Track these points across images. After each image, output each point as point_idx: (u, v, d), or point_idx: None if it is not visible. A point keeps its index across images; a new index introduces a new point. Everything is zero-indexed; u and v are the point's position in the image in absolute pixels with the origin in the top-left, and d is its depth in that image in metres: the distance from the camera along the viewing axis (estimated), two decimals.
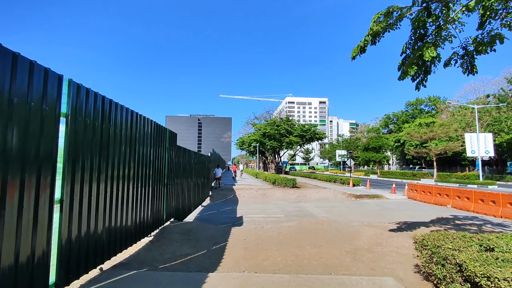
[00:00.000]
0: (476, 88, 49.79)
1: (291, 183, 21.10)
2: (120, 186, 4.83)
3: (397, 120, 70.54)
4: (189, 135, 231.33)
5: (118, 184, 4.76)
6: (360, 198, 17.36)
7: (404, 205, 14.62)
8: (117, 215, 4.74)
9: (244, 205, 14.82)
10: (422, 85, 5.50)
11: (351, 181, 24.04)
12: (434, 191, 15.07)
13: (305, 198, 17.51)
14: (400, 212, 12.57)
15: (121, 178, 4.86)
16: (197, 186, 12.70)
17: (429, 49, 4.63)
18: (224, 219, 11.10)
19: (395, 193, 19.80)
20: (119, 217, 4.80)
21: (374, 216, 11.66)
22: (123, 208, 4.92)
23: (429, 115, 60.14)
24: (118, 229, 4.80)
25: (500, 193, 11.32)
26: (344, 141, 75.53)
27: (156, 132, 6.70)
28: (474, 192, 12.48)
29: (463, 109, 43.21)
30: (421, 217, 11.12)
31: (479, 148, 28.37)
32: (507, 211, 10.82)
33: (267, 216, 11.59)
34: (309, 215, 11.91)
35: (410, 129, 44.16)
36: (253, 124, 51.65)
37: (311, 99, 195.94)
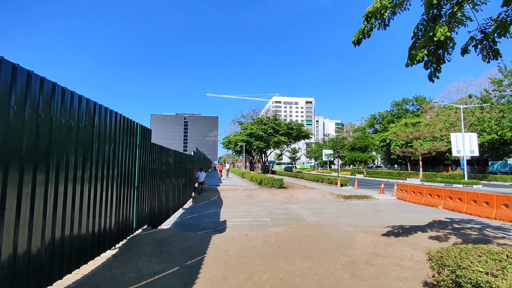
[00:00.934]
0: (459, 89, 50.78)
1: (278, 183, 20.37)
2: (70, 190, 3.89)
3: (383, 120, 71.18)
4: (174, 134, 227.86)
5: (66, 187, 3.81)
6: (349, 199, 16.80)
7: (395, 207, 14.12)
8: (65, 226, 3.79)
9: (229, 208, 13.94)
10: (435, 76, 4.80)
11: (339, 181, 23.55)
12: (425, 192, 14.65)
13: (293, 199, 16.80)
14: (392, 214, 12.01)
15: (70, 180, 3.91)
16: (177, 188, 11.73)
17: (441, 28, 3.92)
18: (206, 224, 10.19)
19: (384, 193, 19.39)
20: (68, 228, 3.85)
21: (365, 219, 11.04)
22: (74, 216, 3.98)
23: (414, 115, 60.90)
24: (68, 243, 3.85)
25: (494, 194, 10.92)
26: (330, 140, 75.68)
27: (123, 127, 5.75)
28: (467, 193, 12.08)
29: (447, 109, 43.77)
30: (414, 219, 10.58)
31: (464, 148, 28.54)
32: (501, 213, 10.41)
33: (253, 220, 10.76)
34: (298, 218, 11.16)
35: (396, 129, 44.41)
36: (240, 123, 50.69)
37: (298, 99, 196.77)
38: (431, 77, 4.93)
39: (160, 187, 8.76)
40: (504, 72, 31.55)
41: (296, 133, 44.66)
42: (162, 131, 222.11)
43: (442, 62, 4.71)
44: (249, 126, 45.48)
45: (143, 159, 7.12)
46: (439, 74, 4.86)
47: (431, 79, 4.94)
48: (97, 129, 4.72)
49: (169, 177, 9.97)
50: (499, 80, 31.81)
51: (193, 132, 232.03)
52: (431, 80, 4.93)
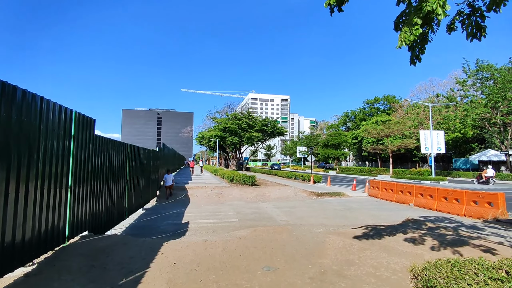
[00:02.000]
0: (427, 88, 52.69)
1: (250, 180, 19.60)
2: None
3: (355, 118, 72.69)
4: (147, 130, 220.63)
5: None
6: (322, 196, 16.38)
7: (367, 204, 13.82)
8: None
9: (195, 207, 12.96)
10: (418, 58, 4.18)
11: (311, 178, 23.22)
12: (396, 189, 14.50)
13: (264, 197, 16.10)
14: (364, 212, 11.62)
15: None
16: (135, 187, 10.57)
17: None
18: (165, 226, 9.18)
19: (356, 190, 19.23)
20: None
21: (338, 217, 10.53)
22: None
23: (385, 114, 62.60)
24: None
25: (463, 190, 10.82)
26: (305, 137, 76.21)
27: (47, 114, 4.64)
28: (438, 190, 11.95)
29: (416, 108, 45.17)
30: (387, 218, 10.21)
31: (432, 145, 29.37)
32: (471, 210, 10.30)
33: (219, 221, 9.89)
34: (267, 218, 10.44)
35: (368, 126, 45.26)
36: (214, 119, 49.36)
37: (274, 96, 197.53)
38: (413, 60, 4.30)
39: (108, 186, 7.63)
40: (468, 73, 32.86)
41: (270, 129, 44.19)
42: (134, 127, 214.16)
43: (425, 42, 4.09)
44: (224, 121, 44.38)
45: (82, 154, 6.00)
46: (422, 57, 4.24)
47: (413, 62, 4.31)
48: (13, 114, 3.64)
49: (122, 174, 8.82)
50: (463, 80, 33.12)
51: (167, 128, 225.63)
52: (413, 63, 4.30)
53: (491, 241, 6.14)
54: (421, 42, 4.00)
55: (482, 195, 10.03)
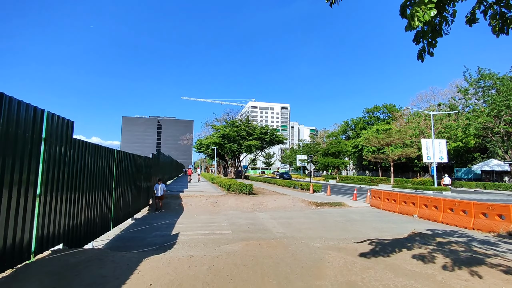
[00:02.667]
0: (427, 97, 52.38)
1: (247, 189, 18.96)
2: None
3: (355, 127, 72.24)
4: (147, 138, 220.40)
5: None
6: (321, 206, 15.73)
7: (369, 215, 13.18)
8: None
9: (188, 217, 12.33)
10: (429, 52, 3.66)
11: (311, 187, 22.58)
12: (399, 199, 13.87)
13: (261, 207, 15.45)
14: (366, 224, 10.99)
15: None
16: (123, 195, 9.97)
17: None
18: (152, 238, 8.55)
19: (356, 200, 18.59)
20: None
21: (338, 229, 9.90)
22: None
23: (385, 123, 62.19)
24: None
25: (471, 202, 10.21)
26: (304, 146, 75.69)
27: (12, 114, 4.10)
28: (443, 201, 11.33)
29: (417, 117, 44.75)
30: (391, 230, 9.58)
31: (434, 154, 28.79)
32: (480, 223, 9.68)
33: (211, 233, 9.26)
34: (263, 230, 9.80)
35: (368, 135, 44.73)
36: (213, 126, 48.88)
37: (274, 105, 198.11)
38: (422, 55, 3.78)
39: (90, 195, 7.04)
40: (469, 81, 32.52)
41: (269, 137, 43.66)
42: (134, 134, 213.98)
43: (439, 34, 3.57)
44: (222, 128, 43.89)
45: (56, 159, 5.44)
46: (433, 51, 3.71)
47: (420, 57, 3.80)
48: None
49: (107, 182, 8.23)
50: (465, 89, 32.76)
51: (166, 136, 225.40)
52: (421, 58, 3.78)
53: (510, 259, 5.52)
54: (433, 35, 3.48)
55: (492, 207, 9.42)
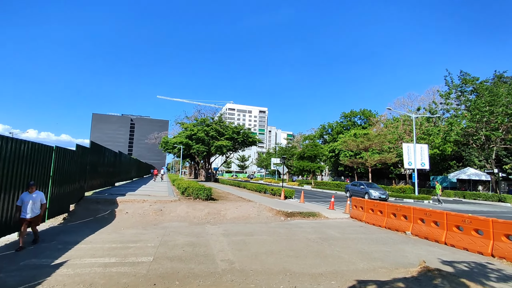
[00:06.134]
0: (405, 103, 51.59)
1: (204, 194, 15.63)
2: None
3: (332, 131, 70.89)
4: (119, 136, 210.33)
5: None
6: (292, 217, 12.76)
7: (350, 231, 10.32)
8: None
9: (109, 232, 8.89)
10: None
11: (282, 192, 19.64)
12: (387, 210, 11.16)
13: (217, 217, 12.22)
14: (348, 245, 8.07)
15: None
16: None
17: None
18: (15, 273, 5.09)
19: (333, 209, 15.85)
20: None
21: (311, 255, 6.88)
22: None
23: (362, 128, 61.11)
24: None
25: (489, 218, 7.59)
26: (280, 149, 73.29)
27: None
28: (447, 215, 8.67)
29: (395, 121, 43.46)
30: (385, 258, 6.69)
31: (415, 160, 26.94)
32: (503, 248, 7.05)
33: (118, 262, 5.94)
34: (202, 256, 6.60)
35: (346, 138, 42.85)
36: (181, 124, 44.94)
37: (252, 108, 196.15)
38: None
39: None
40: (450, 85, 31.29)
41: (242, 138, 40.51)
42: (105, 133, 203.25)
43: None
44: (190, 127, 40.12)
45: None
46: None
47: None
48: None
49: None
50: (447, 93, 31.50)
51: (139, 135, 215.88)
52: None
53: None
54: None
55: None
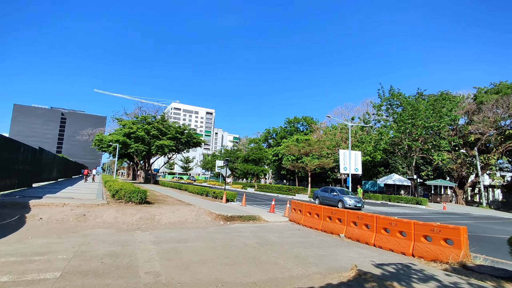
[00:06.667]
0: (342, 113, 55.42)
1: (138, 197, 14.39)
2: None
3: (276, 136, 72.87)
4: (46, 132, 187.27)
5: None
6: (232, 222, 12.40)
7: (288, 234, 10.34)
8: None
9: (11, 242, 7.42)
10: None
11: (224, 195, 19.20)
12: (323, 214, 11.50)
13: (150, 222, 11.26)
14: (285, 250, 7.98)
15: None
16: None
17: None
18: None
19: (274, 212, 15.94)
20: None
21: (246, 262, 6.57)
22: None
23: (304, 134, 63.97)
24: None
25: (411, 221, 8.20)
26: (226, 152, 72.73)
27: None
28: (377, 219, 9.19)
29: (333, 129, 46.33)
30: (319, 263, 6.69)
31: (350, 165, 28.92)
32: (421, 248, 7.64)
33: (11, 282, 4.84)
34: (124, 268, 5.81)
35: (289, 143, 44.26)
36: (119, 120, 41.47)
37: (199, 108, 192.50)
38: None
39: None
40: (382, 98, 34.48)
41: (186, 138, 39.04)
42: (30, 126, 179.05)
43: None
44: (129, 124, 37.25)
45: None
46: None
47: None
48: None
49: None
50: (379, 105, 34.65)
51: (72, 132, 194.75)
52: None
53: None
54: None
55: (438, 228, 7.45)
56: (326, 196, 23.25)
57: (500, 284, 5.33)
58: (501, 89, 36.50)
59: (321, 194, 23.95)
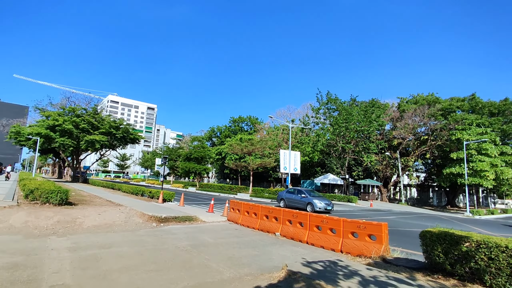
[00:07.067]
0: (285, 114, 57.45)
1: (57, 197, 12.70)
2: None
3: (220, 134, 72.33)
4: None
5: None
6: (166, 223, 11.69)
7: (224, 235, 10.11)
8: None
9: None
10: None
11: (161, 195, 18.18)
12: (261, 213, 11.54)
13: (70, 226, 9.98)
14: (219, 251, 7.72)
15: None
16: None
17: None
18: None
19: (213, 212, 15.57)
20: None
21: (176, 266, 6.13)
22: None
23: (248, 133, 64.65)
24: None
25: (341, 219, 8.62)
26: (167, 149, 69.57)
27: None
28: (310, 217, 9.50)
29: (275, 130, 47.64)
30: (252, 263, 6.58)
31: (290, 165, 29.98)
32: (349, 244, 8.09)
33: None
34: (24, 282, 4.90)
35: (233, 142, 44.20)
36: (42, 111, 36.48)
37: (139, 103, 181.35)
38: None
39: None
40: (320, 102, 36.56)
41: (122, 134, 36.17)
42: None
43: None
44: (54, 115, 33.02)
45: None
46: None
47: None
48: None
49: None
50: (317, 109, 36.67)
51: None
52: None
53: None
54: None
55: (363, 225, 7.95)
56: (292, 198, 21.30)
57: (412, 275, 5.84)
58: (418, 100, 41.68)
59: (287, 196, 21.94)
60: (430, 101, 40.00)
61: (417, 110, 38.04)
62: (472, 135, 30.80)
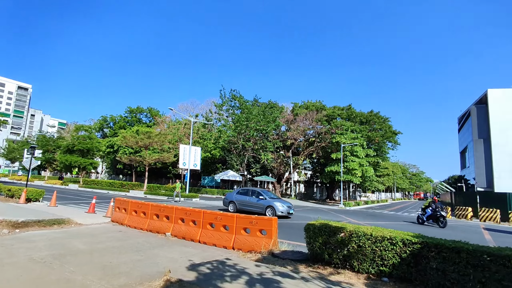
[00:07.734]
0: (188, 108, 55.59)
1: None
2: None
3: (114, 125, 64.81)
4: None
5: None
6: (24, 229, 9.35)
7: (104, 239, 8.69)
8: None
9: None
10: None
11: (23, 193, 14.71)
12: (151, 212, 10.48)
13: None
14: (91, 261, 6.44)
15: None
16: None
17: None
18: None
19: (94, 212, 13.48)
20: None
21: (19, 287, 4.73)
22: None
23: (147, 125, 59.95)
24: None
25: (234, 215, 8.52)
26: (43, 138, 57.76)
27: None
28: (204, 214, 9.07)
29: (177, 124, 45.56)
30: (132, 271, 5.68)
31: (190, 160, 28.98)
32: (241, 240, 8.05)
33: None
34: None
35: (127, 134, 39.99)
36: None
37: (6, 80, 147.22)
38: None
39: None
40: (223, 99, 36.77)
41: None
42: None
43: None
44: None
45: None
46: None
47: None
48: None
49: None
50: (220, 105, 36.73)
51: None
52: None
53: None
54: None
55: (255, 221, 8.01)
56: (246, 201, 17.65)
57: (296, 267, 6.10)
58: (308, 106, 46.86)
59: (238, 198, 18.02)
60: (318, 108, 45.44)
61: (307, 114, 42.60)
62: (348, 139, 36.44)
